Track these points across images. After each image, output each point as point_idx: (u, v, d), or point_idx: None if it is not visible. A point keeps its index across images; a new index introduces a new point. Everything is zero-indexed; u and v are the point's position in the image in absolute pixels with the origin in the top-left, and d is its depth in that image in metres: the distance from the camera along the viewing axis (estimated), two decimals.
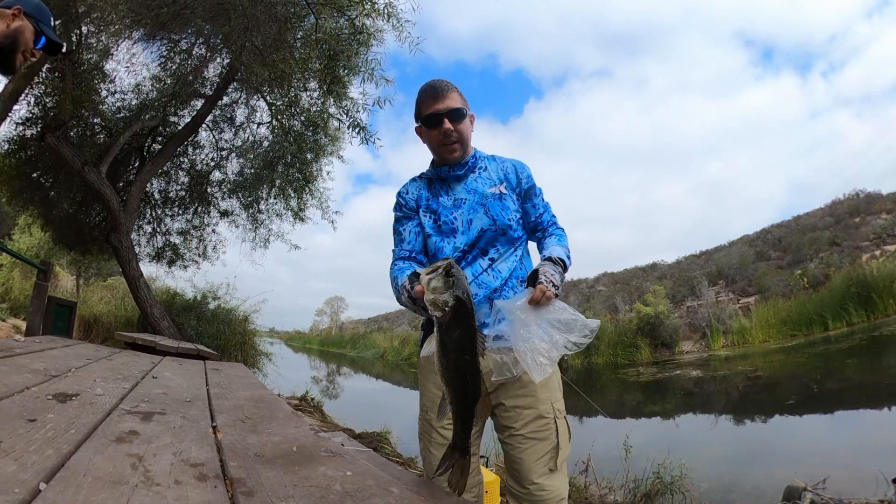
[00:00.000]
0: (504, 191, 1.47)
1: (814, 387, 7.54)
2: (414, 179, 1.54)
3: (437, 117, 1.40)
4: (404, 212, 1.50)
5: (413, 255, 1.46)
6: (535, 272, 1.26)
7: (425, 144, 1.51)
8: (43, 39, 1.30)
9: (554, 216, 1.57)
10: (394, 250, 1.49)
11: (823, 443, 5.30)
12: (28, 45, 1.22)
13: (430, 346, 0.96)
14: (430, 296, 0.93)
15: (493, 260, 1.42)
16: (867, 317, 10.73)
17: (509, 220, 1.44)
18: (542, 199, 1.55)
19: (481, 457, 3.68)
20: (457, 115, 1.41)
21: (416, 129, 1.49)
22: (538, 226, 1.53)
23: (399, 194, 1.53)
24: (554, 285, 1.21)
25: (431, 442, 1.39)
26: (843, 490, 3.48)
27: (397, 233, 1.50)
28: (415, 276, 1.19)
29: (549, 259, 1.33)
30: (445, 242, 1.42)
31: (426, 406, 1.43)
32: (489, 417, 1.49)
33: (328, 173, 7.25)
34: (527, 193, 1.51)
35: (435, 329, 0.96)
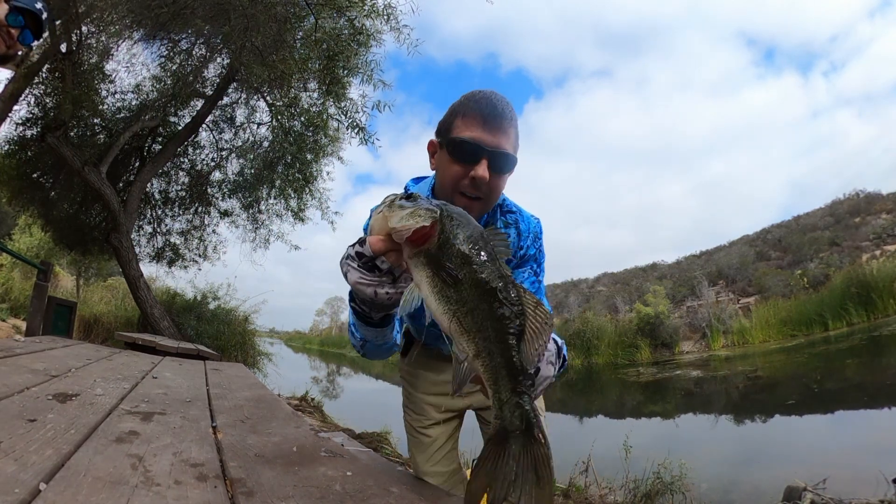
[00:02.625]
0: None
1: (814, 387, 7.53)
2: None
3: (478, 151, 0.95)
4: None
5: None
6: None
7: (433, 167, 1.08)
8: (21, 19, 1.21)
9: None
10: None
11: (823, 443, 5.30)
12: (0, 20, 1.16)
13: (414, 294, 0.62)
14: (404, 215, 0.61)
15: None
16: (867, 317, 10.74)
17: None
18: (533, 273, 1.19)
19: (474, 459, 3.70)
20: (504, 164, 0.98)
21: (431, 143, 1.06)
22: None
23: None
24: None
25: (413, 442, 1.42)
26: (843, 490, 3.47)
27: None
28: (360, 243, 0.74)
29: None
30: None
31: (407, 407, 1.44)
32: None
33: (328, 173, 7.28)
34: (521, 261, 1.18)
35: (417, 268, 0.62)
